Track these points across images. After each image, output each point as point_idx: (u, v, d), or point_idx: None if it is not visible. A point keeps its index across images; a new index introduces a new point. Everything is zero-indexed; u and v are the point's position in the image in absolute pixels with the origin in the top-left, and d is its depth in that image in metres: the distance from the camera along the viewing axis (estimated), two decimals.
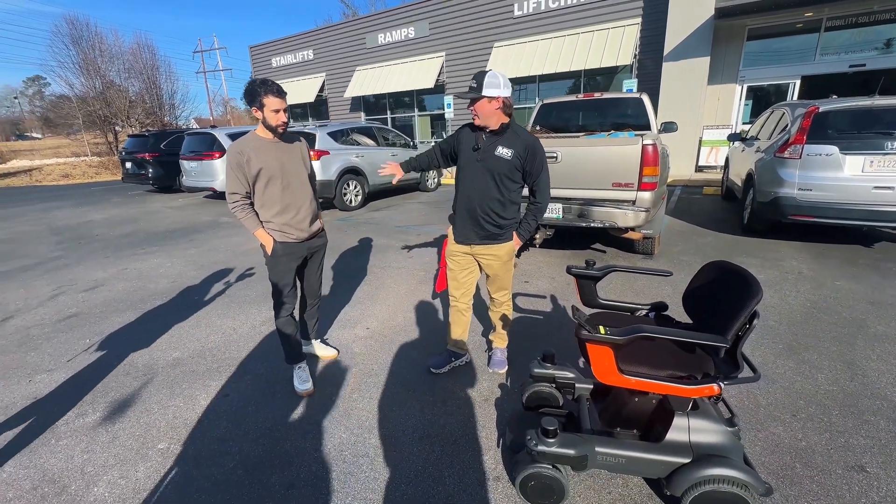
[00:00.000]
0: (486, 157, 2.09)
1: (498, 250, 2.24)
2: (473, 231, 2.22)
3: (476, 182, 2.15)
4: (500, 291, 2.41)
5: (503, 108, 2.03)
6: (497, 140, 2.08)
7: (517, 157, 2.05)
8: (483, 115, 2.03)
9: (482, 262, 2.31)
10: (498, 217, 2.17)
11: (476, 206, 2.16)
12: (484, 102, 1.99)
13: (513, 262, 2.35)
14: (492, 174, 2.10)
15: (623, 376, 1.43)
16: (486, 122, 2.05)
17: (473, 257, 2.32)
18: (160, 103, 22.25)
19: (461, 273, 2.38)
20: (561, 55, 11.00)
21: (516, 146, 2.05)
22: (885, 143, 4.07)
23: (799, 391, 2.29)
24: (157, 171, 10.78)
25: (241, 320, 3.39)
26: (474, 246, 2.26)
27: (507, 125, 2.08)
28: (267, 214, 2.24)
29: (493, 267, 2.29)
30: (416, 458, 1.92)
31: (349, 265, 4.69)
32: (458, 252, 2.33)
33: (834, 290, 3.55)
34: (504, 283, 2.37)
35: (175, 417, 2.26)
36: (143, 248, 5.72)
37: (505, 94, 2.00)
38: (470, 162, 2.17)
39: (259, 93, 2.06)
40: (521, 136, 2.08)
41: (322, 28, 16.57)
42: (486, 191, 2.13)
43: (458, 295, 2.43)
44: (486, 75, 1.97)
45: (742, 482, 1.42)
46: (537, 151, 2.07)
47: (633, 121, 5.51)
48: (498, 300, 2.44)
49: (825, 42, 9.10)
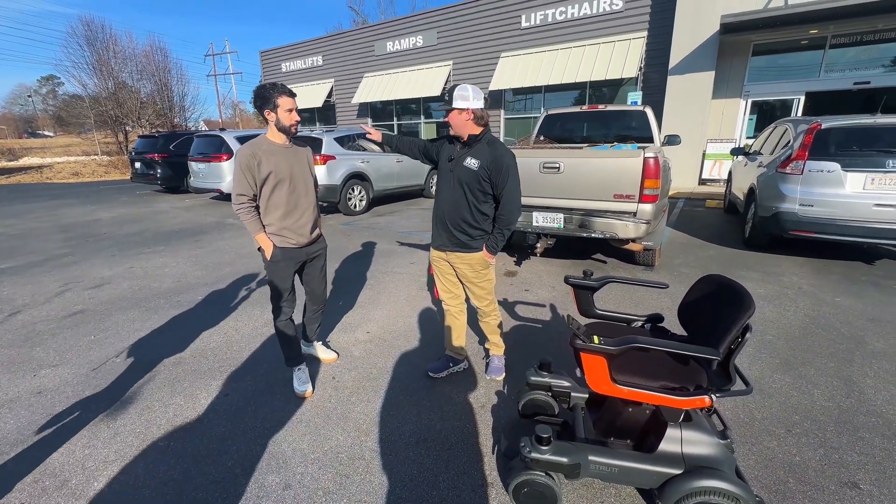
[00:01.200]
0: (457, 167, 2.17)
1: (469, 259, 2.29)
2: (447, 238, 2.29)
3: (448, 191, 2.23)
4: (481, 301, 2.41)
5: (474, 120, 2.10)
6: (468, 151, 2.15)
7: (483, 169, 2.10)
8: (455, 125, 2.13)
9: (457, 269, 2.36)
10: (467, 226, 2.22)
11: (446, 214, 2.25)
12: (455, 114, 2.09)
13: (489, 273, 2.36)
14: (461, 184, 2.16)
15: (616, 386, 1.46)
16: (458, 131, 2.14)
17: (450, 263, 2.37)
18: (171, 105, 22.53)
19: (445, 278, 2.44)
20: (567, 66, 11.10)
21: (483, 158, 2.10)
22: (887, 161, 4.09)
23: (795, 406, 2.30)
24: (165, 171, 10.91)
25: (243, 321, 3.43)
26: (448, 252, 2.32)
27: (479, 137, 2.14)
28: (270, 218, 2.26)
29: (467, 275, 2.33)
30: (411, 463, 1.95)
31: (351, 269, 4.74)
32: (437, 258, 2.41)
33: (833, 307, 3.55)
34: (481, 291, 2.38)
35: (175, 415, 2.29)
36: (149, 248, 5.79)
37: (475, 106, 2.07)
38: (445, 172, 2.26)
39: (272, 95, 2.11)
40: (492, 147, 2.13)
41: (332, 35, 16.80)
42: (456, 200, 2.20)
43: (448, 299, 2.48)
44: (455, 88, 2.07)
45: (733, 495, 1.44)
46: (503, 163, 2.08)
47: (636, 133, 5.57)
48: (482, 310, 2.45)
49: (830, 59, 9.14)
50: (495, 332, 2.53)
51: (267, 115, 2.17)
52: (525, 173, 4.21)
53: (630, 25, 10.60)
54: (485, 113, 2.13)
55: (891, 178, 4.08)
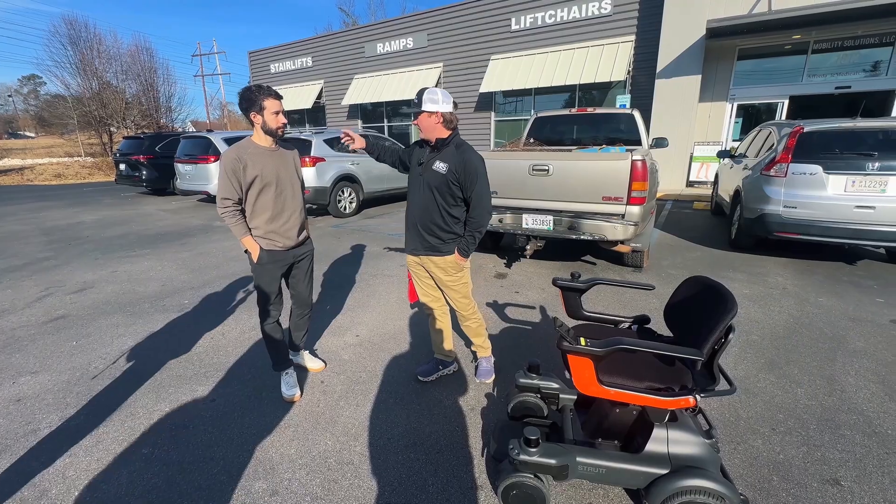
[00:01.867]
0: (426, 171, 2.17)
1: (442, 262, 2.28)
2: (419, 242, 2.29)
3: (418, 196, 2.23)
4: (458, 304, 2.39)
5: (443, 123, 2.11)
6: (436, 155, 2.16)
7: (452, 172, 2.11)
8: (424, 128, 2.14)
9: (431, 273, 2.36)
10: (438, 230, 2.22)
11: (418, 219, 2.25)
12: (424, 116, 2.10)
13: (464, 276, 2.35)
14: (431, 188, 2.16)
15: (602, 387, 1.47)
16: (428, 135, 2.15)
17: (424, 267, 2.37)
18: (157, 105, 22.22)
19: (423, 282, 2.44)
20: (557, 69, 11.19)
21: (452, 161, 2.11)
22: (866, 164, 4.19)
23: (779, 405, 2.34)
24: (151, 173, 10.74)
25: (230, 325, 3.39)
26: (422, 256, 2.32)
27: (447, 140, 2.15)
28: (256, 221, 2.24)
29: (442, 279, 2.33)
30: (400, 466, 1.94)
31: (341, 272, 4.71)
32: (413, 263, 2.41)
33: (816, 307, 3.63)
34: (456, 294, 2.36)
35: (160, 422, 2.25)
36: (133, 251, 5.69)
37: (444, 110, 2.09)
38: (415, 176, 2.26)
39: (258, 97, 2.09)
40: (460, 150, 2.13)
41: (322, 36, 16.72)
42: (427, 204, 2.20)
43: (429, 302, 2.47)
44: (425, 91, 2.08)
45: (718, 494, 1.46)
46: (471, 166, 2.09)
47: (624, 136, 5.63)
48: (460, 313, 2.43)
49: (812, 64, 9.35)
50: (478, 334, 2.52)
51: (253, 118, 2.15)
52: (515, 176, 4.27)
53: (618, 29, 10.72)
54: (454, 116, 2.15)
55: (870, 180, 4.18)
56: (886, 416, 2.24)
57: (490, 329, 3.26)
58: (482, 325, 2.52)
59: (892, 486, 1.79)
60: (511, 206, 4.35)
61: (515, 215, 4.30)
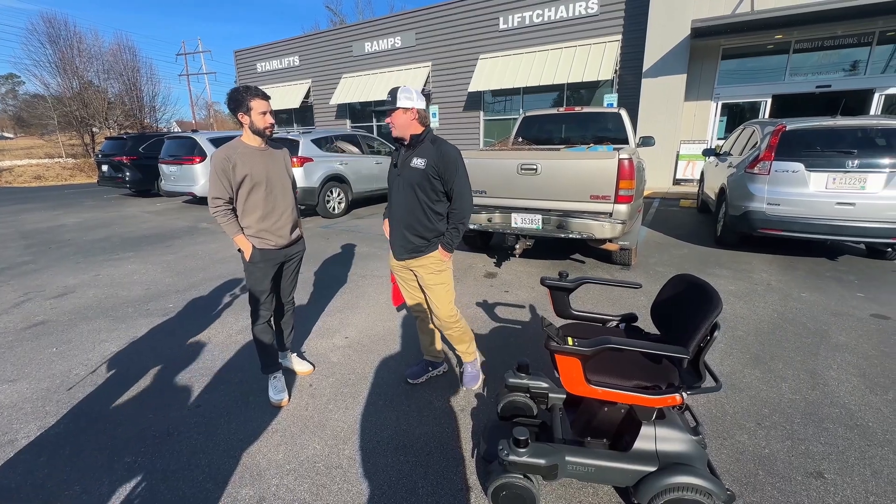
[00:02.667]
0: (404, 170, 2.16)
1: (425, 260, 2.25)
2: (402, 245, 2.26)
3: (399, 196, 2.21)
4: (439, 308, 2.30)
5: (418, 119, 2.11)
6: (413, 153, 2.14)
7: (431, 167, 2.10)
8: (399, 125, 2.11)
9: (416, 274, 2.32)
10: (423, 229, 2.19)
11: (401, 220, 2.22)
12: (399, 113, 2.08)
13: (446, 277, 2.29)
14: (411, 186, 2.15)
15: (590, 387, 1.47)
16: (402, 132, 2.13)
17: (410, 270, 2.33)
18: (140, 105, 21.81)
19: (409, 285, 2.40)
20: (545, 69, 11.23)
21: (430, 155, 2.10)
22: (847, 162, 4.28)
23: (764, 400, 2.37)
24: (134, 174, 10.54)
25: (216, 329, 3.33)
26: (406, 260, 2.29)
27: (422, 136, 2.14)
28: (247, 220, 2.26)
29: (425, 279, 2.28)
30: (390, 470, 1.92)
31: (329, 273, 4.67)
32: (398, 266, 2.38)
33: (800, 302, 3.69)
34: (437, 296, 2.28)
35: (144, 429, 2.20)
36: (116, 254, 5.57)
37: (420, 106, 2.09)
38: (393, 178, 2.25)
39: (245, 98, 2.13)
40: (436, 144, 2.13)
41: (309, 35, 16.57)
42: (408, 204, 2.18)
43: (415, 305, 2.44)
44: (399, 90, 2.07)
45: (705, 490, 1.47)
46: (450, 158, 2.10)
47: (612, 135, 5.67)
48: (442, 320, 2.33)
49: (794, 63, 9.53)
50: (461, 341, 2.42)
51: (241, 119, 2.19)
52: (503, 175, 4.27)
53: (605, 29, 10.80)
54: (427, 113, 2.15)
55: (850, 177, 4.27)
56: (867, 408, 2.29)
57: (480, 329, 3.26)
58: (466, 332, 2.43)
59: (874, 478, 1.83)
60: (500, 206, 4.35)
61: (504, 215, 4.31)
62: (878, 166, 4.19)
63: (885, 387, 2.47)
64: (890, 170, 4.14)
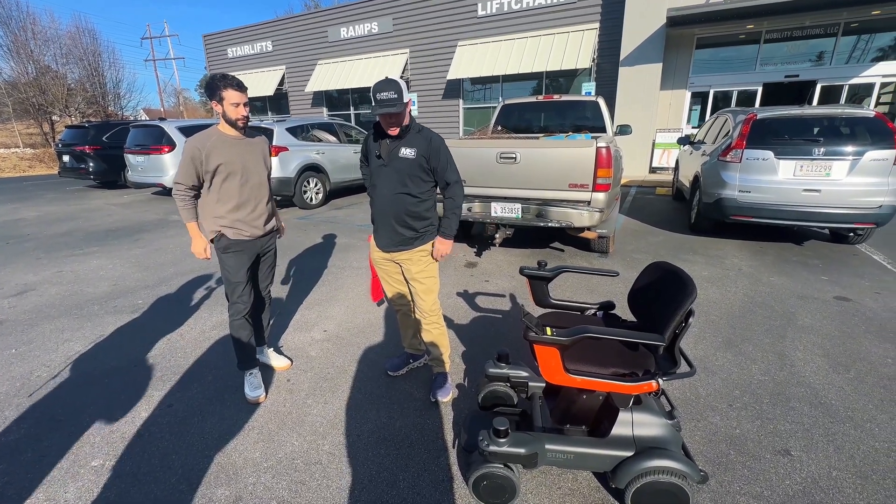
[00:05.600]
0: (392, 160, 2.06)
1: (413, 254, 2.18)
2: (392, 238, 2.17)
3: (386, 188, 2.11)
4: (423, 300, 2.22)
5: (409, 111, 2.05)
6: (399, 143, 2.05)
7: (421, 156, 2.04)
8: (402, 120, 1.98)
9: (403, 267, 2.24)
10: (413, 220, 2.12)
11: (390, 212, 2.12)
12: (407, 112, 1.99)
13: (433, 269, 2.24)
14: (400, 177, 2.06)
15: (569, 375, 1.47)
16: (401, 124, 2.00)
17: (396, 262, 2.26)
18: (103, 92, 20.75)
19: (392, 279, 2.33)
20: (524, 56, 11.17)
21: (418, 144, 2.04)
22: (813, 150, 4.41)
23: (735, 382, 2.45)
24: (98, 165, 10.05)
25: (188, 325, 3.22)
26: (394, 253, 2.21)
27: (409, 127, 2.07)
28: (221, 209, 2.20)
29: (411, 271, 2.20)
30: (370, 463, 1.90)
31: (307, 265, 4.57)
32: (382, 259, 2.28)
33: (768, 286, 3.82)
34: (423, 289, 2.21)
35: (112, 432, 2.11)
36: (81, 249, 5.32)
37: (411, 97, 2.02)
38: (378, 170, 2.14)
39: (218, 87, 2.07)
40: (423, 133, 2.08)
41: (282, 19, 15.99)
42: (398, 195, 2.08)
43: (397, 299, 2.38)
44: (396, 83, 1.90)
45: (680, 472, 1.50)
46: (438, 146, 2.05)
47: (589, 123, 5.70)
48: (424, 312, 2.25)
49: (765, 53, 9.75)
50: (440, 343, 2.31)
51: (215, 107, 2.14)
52: (483, 164, 4.24)
53: (583, 17, 10.79)
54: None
55: (816, 165, 4.41)
56: (831, 387, 2.39)
57: (460, 318, 3.25)
58: (444, 335, 2.33)
59: (836, 454, 1.92)
60: (479, 195, 4.33)
61: (484, 204, 4.29)
62: (841, 154, 4.33)
63: (846, 366, 2.59)
64: (853, 157, 4.29)
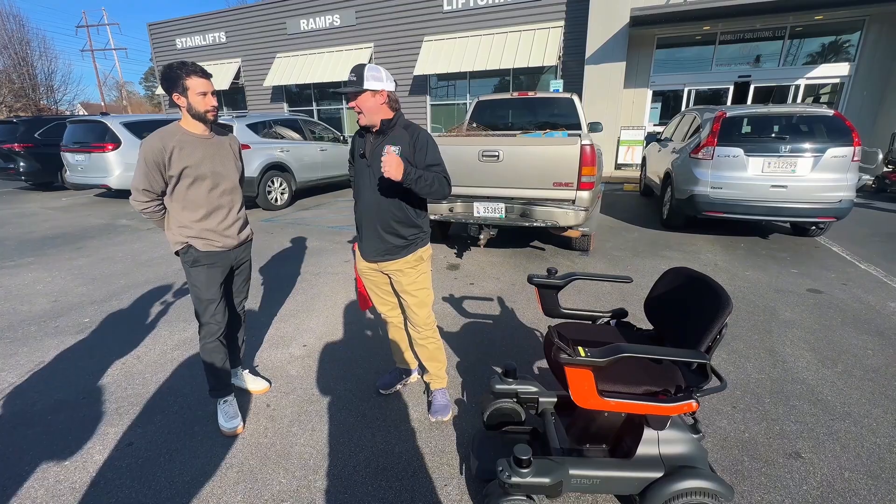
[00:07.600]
0: (375, 159, 1.86)
1: (402, 264, 1.99)
2: (375, 248, 1.97)
3: (369, 190, 1.91)
4: (415, 313, 2.06)
5: (388, 103, 1.84)
6: (383, 140, 1.87)
7: (406, 153, 1.85)
8: (367, 110, 1.81)
9: (393, 278, 2.06)
10: (400, 225, 1.93)
11: (375, 217, 1.93)
12: (367, 97, 1.78)
13: (425, 280, 2.06)
14: (385, 178, 1.82)
15: (604, 399, 1.35)
16: (370, 119, 1.83)
17: (383, 273, 2.07)
18: (34, 84, 18.92)
19: (380, 289, 2.13)
20: (490, 53, 11.09)
21: (404, 142, 1.86)
22: (780, 147, 4.58)
23: (734, 382, 2.43)
24: (30, 164, 9.06)
25: (146, 345, 2.87)
26: (380, 263, 2.01)
27: (393, 122, 1.89)
28: (187, 219, 1.91)
29: (401, 282, 2.02)
30: (370, 498, 1.70)
31: (278, 272, 4.25)
32: (368, 269, 2.08)
33: (745, 280, 3.91)
34: (415, 302, 2.04)
35: (59, 482, 1.79)
36: (12, 260, 4.71)
37: (389, 88, 1.82)
38: (361, 171, 1.95)
39: (180, 75, 1.78)
40: (409, 129, 1.90)
41: (236, 8, 15.10)
42: (382, 198, 1.89)
43: (387, 311, 2.19)
44: (365, 67, 1.76)
45: (713, 492, 1.42)
46: (424, 141, 1.88)
47: (563, 120, 5.67)
48: (416, 329, 2.11)
49: (719, 54, 10.19)
50: (434, 358, 2.17)
51: (177, 101, 1.83)
52: (464, 162, 4.08)
53: (548, 14, 10.84)
54: (397, 96, 1.88)
55: (783, 161, 4.58)
56: (824, 382, 2.42)
57: (450, 325, 3.09)
58: (441, 349, 2.18)
59: (844, 453, 1.91)
60: (461, 195, 4.17)
61: (466, 204, 4.14)
62: (806, 151, 4.52)
63: (833, 360, 2.64)
64: (816, 154, 4.49)
